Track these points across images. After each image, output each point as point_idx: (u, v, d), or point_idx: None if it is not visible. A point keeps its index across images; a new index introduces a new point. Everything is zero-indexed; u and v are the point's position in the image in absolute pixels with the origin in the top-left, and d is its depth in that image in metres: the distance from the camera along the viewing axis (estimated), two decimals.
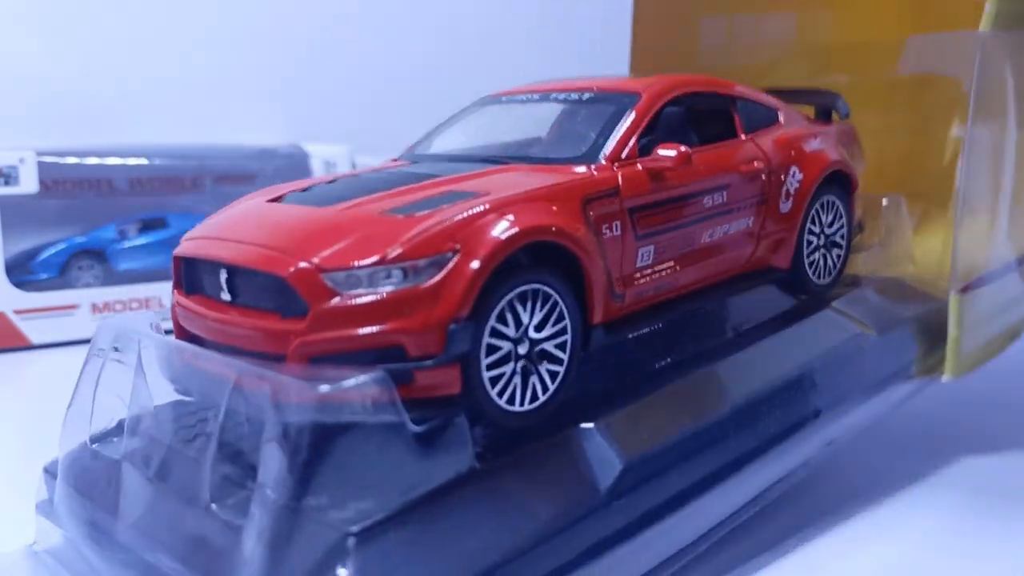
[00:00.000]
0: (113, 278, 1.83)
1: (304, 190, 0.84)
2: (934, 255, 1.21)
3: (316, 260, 0.67)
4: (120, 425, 0.79)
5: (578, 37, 2.56)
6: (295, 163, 2.04)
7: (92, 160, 1.85)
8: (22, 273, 1.76)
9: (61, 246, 1.81)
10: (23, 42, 1.88)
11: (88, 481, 0.78)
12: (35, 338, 1.73)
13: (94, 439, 0.80)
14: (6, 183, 1.71)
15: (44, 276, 1.78)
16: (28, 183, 1.73)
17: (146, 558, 0.70)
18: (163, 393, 0.78)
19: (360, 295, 0.66)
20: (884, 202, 1.19)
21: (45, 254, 1.80)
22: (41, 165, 1.75)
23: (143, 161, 1.90)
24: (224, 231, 0.78)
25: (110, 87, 1.96)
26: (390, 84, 2.36)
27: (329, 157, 2.08)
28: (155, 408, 0.78)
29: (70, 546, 0.80)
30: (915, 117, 1.27)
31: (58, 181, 1.81)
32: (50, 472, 0.83)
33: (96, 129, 1.93)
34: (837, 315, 1.03)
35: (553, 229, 0.73)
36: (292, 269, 0.67)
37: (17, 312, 1.71)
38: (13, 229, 1.75)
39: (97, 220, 1.87)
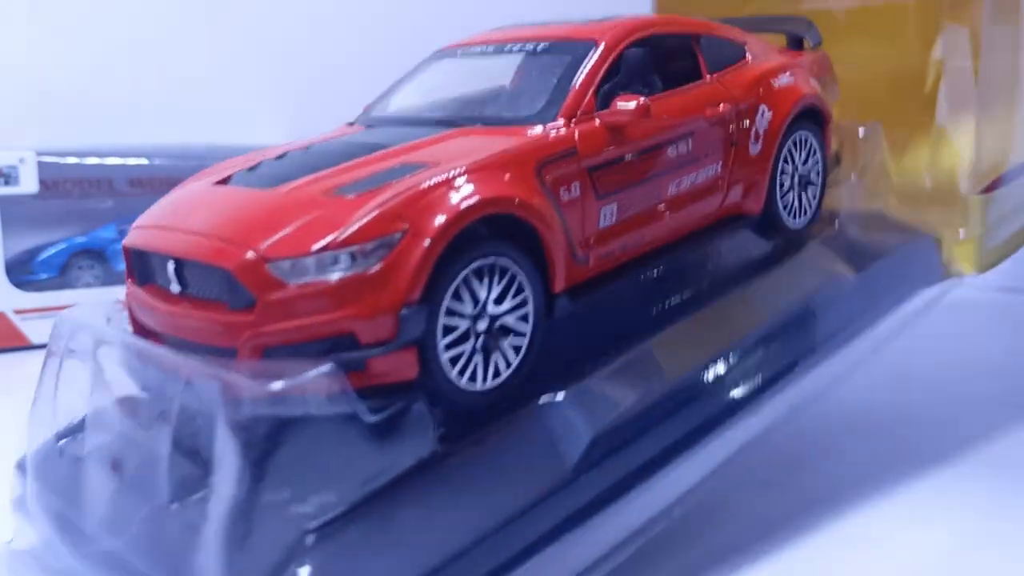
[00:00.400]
0: (113, 278, 1.81)
1: (251, 168, 0.80)
2: (917, 182, 1.20)
3: (261, 249, 0.65)
4: (81, 421, 0.78)
5: None
6: None
7: (92, 160, 1.83)
8: (22, 273, 1.74)
9: (61, 246, 1.79)
10: (23, 41, 1.85)
11: (55, 477, 0.78)
12: (35, 338, 1.71)
13: (59, 436, 0.79)
14: (6, 183, 1.69)
15: (44, 276, 1.77)
16: (28, 183, 1.71)
17: (113, 553, 0.70)
18: (123, 386, 0.77)
19: (307, 284, 0.64)
20: (861, 132, 1.16)
21: (45, 254, 1.78)
22: (41, 165, 1.73)
23: (143, 161, 1.88)
24: (170, 219, 0.75)
25: (110, 87, 1.93)
26: (388, 81, 2.31)
27: None
28: (116, 401, 0.77)
29: (44, 542, 0.79)
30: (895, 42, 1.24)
31: (58, 181, 1.80)
32: (21, 468, 0.83)
33: (96, 129, 1.89)
34: (814, 258, 1.01)
35: (511, 200, 0.71)
36: (237, 260, 0.65)
37: (17, 312, 1.70)
38: (13, 229, 1.73)
39: (97, 220, 1.85)
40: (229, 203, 0.73)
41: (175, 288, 0.71)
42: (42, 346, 1.64)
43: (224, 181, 0.79)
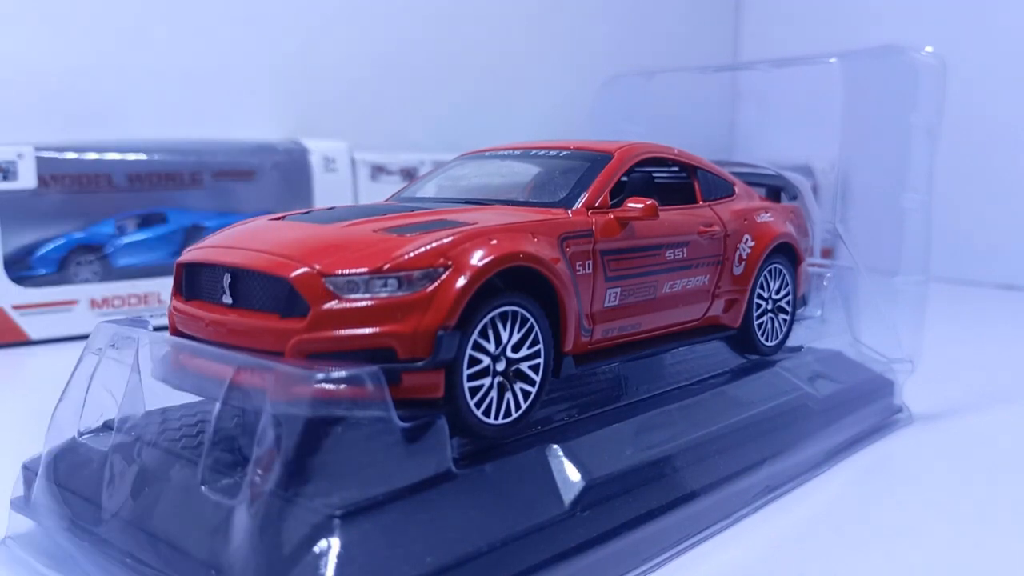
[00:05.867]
0: (112, 274, 1.82)
1: (304, 213, 0.89)
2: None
3: (319, 266, 0.71)
4: (111, 420, 0.81)
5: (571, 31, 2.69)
6: (294, 158, 2.04)
7: (91, 155, 1.83)
8: (21, 268, 1.74)
9: (60, 241, 1.79)
10: (21, 36, 1.87)
11: (72, 474, 0.80)
12: (33, 334, 1.71)
13: (83, 433, 0.82)
14: (4, 178, 1.69)
15: (43, 272, 1.76)
16: (27, 178, 1.71)
17: (128, 546, 0.72)
18: (156, 394, 0.81)
19: (357, 299, 0.71)
20: (828, 275, 1.28)
21: (44, 249, 1.77)
22: (40, 160, 1.73)
23: (142, 156, 1.89)
24: (230, 241, 0.82)
25: (109, 82, 1.96)
26: (390, 78, 2.39)
27: (328, 152, 2.07)
28: (146, 411, 0.81)
29: (44, 538, 0.81)
30: None
31: (57, 176, 1.80)
32: (30, 468, 0.84)
33: (95, 124, 1.92)
34: (783, 372, 1.10)
35: (538, 258, 0.78)
36: (296, 272, 0.72)
37: (16, 308, 1.69)
38: (11, 225, 1.73)
39: (96, 215, 1.86)
40: (288, 231, 0.80)
41: (227, 300, 0.77)
42: (40, 342, 1.70)
43: (279, 219, 0.86)
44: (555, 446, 0.80)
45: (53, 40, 1.91)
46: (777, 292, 1.14)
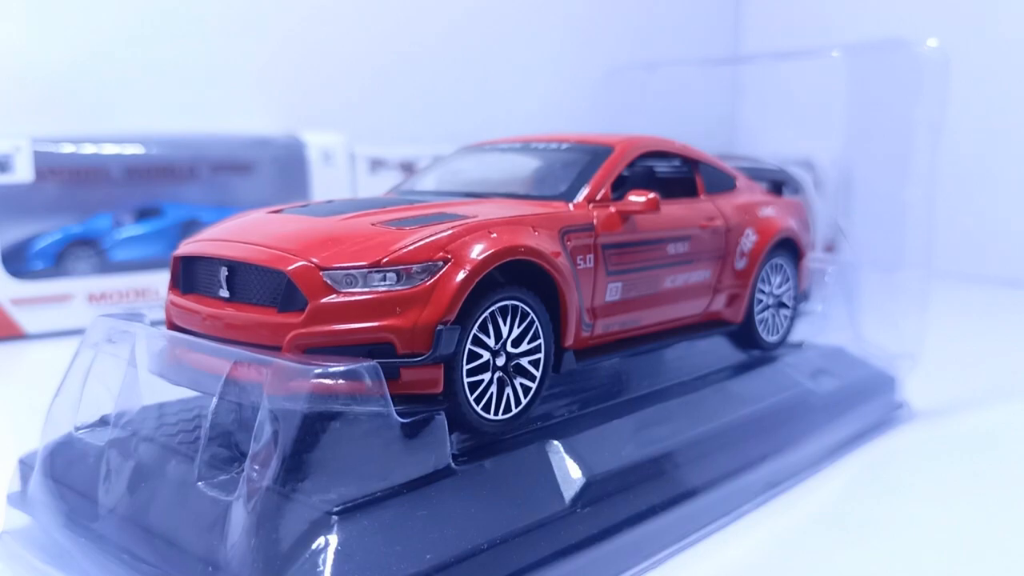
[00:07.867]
0: (109, 267, 1.81)
1: (302, 206, 0.88)
2: None
3: (316, 259, 0.71)
4: (107, 414, 0.80)
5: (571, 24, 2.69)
6: (292, 152, 2.03)
7: (88, 148, 1.82)
8: (18, 262, 1.73)
9: (57, 235, 1.78)
10: (18, 29, 1.86)
11: (68, 468, 0.80)
12: (30, 328, 1.71)
13: (79, 428, 0.81)
14: (1, 171, 1.68)
15: (40, 265, 1.76)
16: (24, 172, 1.70)
17: (124, 541, 0.72)
18: (152, 389, 0.81)
19: (356, 293, 0.70)
20: (828, 271, 1.27)
21: (41, 243, 1.77)
22: (37, 154, 1.72)
23: (139, 150, 1.88)
24: (227, 234, 0.81)
25: (107, 75, 1.96)
26: (389, 71, 2.38)
27: (326, 146, 2.06)
28: (143, 406, 0.80)
29: (41, 533, 0.80)
30: None
31: (54, 170, 1.79)
32: (26, 463, 0.84)
33: (92, 117, 1.91)
34: (784, 368, 1.10)
35: (539, 251, 0.78)
36: (294, 266, 0.71)
37: (13, 302, 1.69)
38: (8, 218, 1.72)
39: (93, 209, 1.85)
40: (286, 224, 0.80)
41: (224, 294, 0.76)
42: (37, 336, 1.69)
43: (277, 212, 0.86)
44: (555, 442, 0.79)
45: (51, 33, 1.91)
46: (779, 287, 1.13)
